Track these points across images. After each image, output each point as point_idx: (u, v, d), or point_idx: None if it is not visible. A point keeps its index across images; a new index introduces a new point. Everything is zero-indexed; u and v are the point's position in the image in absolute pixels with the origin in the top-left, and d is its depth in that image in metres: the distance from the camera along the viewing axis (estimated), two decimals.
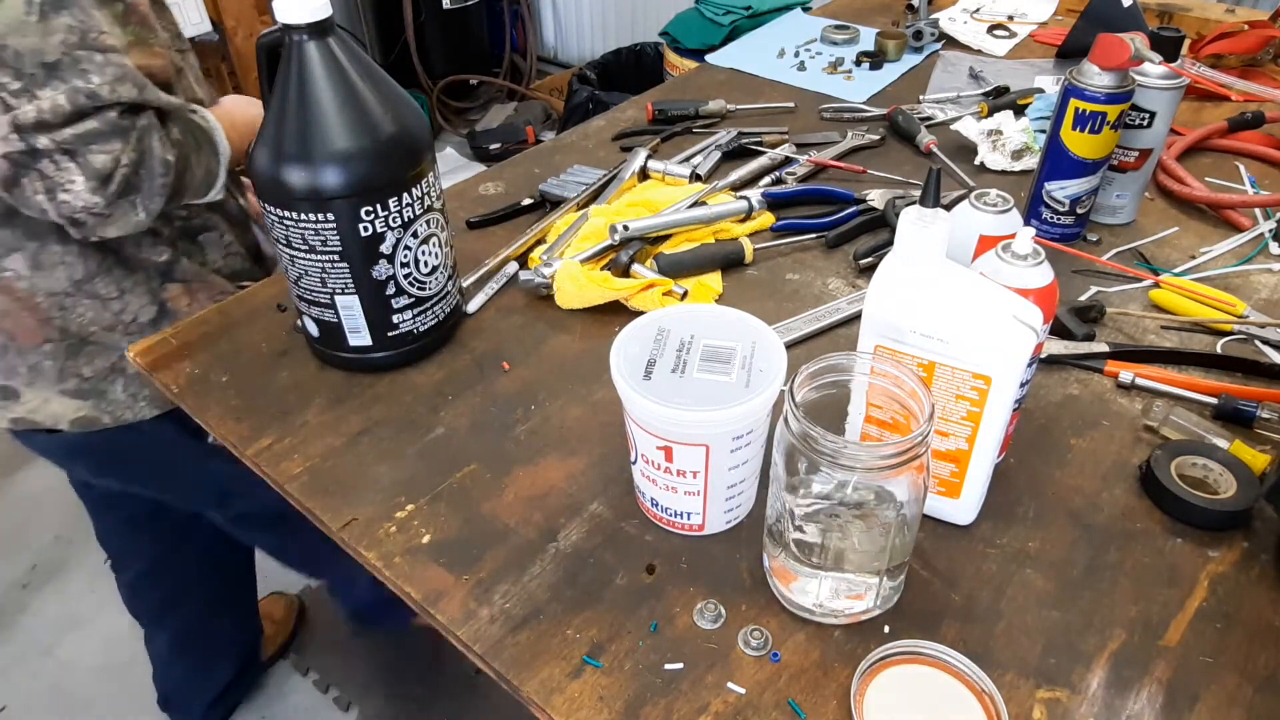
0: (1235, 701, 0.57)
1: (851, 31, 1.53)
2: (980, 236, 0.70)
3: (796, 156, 1.16)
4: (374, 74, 0.75)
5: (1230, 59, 1.36)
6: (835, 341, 0.88)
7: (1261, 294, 0.92)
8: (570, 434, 0.77)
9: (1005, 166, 1.15)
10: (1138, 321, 0.89)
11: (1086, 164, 0.95)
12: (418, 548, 0.68)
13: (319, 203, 0.73)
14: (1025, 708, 0.56)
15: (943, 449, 0.64)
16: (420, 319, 0.83)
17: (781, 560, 0.61)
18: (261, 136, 0.73)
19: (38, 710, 1.67)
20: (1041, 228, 1.00)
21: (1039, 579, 0.64)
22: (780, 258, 1.00)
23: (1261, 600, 0.63)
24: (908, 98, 1.34)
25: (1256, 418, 0.76)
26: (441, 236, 0.82)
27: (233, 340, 0.89)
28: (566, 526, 0.69)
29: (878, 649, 0.58)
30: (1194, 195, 1.06)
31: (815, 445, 0.53)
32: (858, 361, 0.59)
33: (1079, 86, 0.91)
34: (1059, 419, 0.78)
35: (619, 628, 0.62)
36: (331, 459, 0.75)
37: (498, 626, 0.62)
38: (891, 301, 0.61)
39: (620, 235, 0.95)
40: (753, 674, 0.59)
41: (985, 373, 0.59)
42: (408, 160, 0.76)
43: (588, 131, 1.28)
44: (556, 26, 3.61)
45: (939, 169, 0.72)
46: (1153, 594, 0.63)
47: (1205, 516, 0.67)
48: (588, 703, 0.57)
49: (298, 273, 0.78)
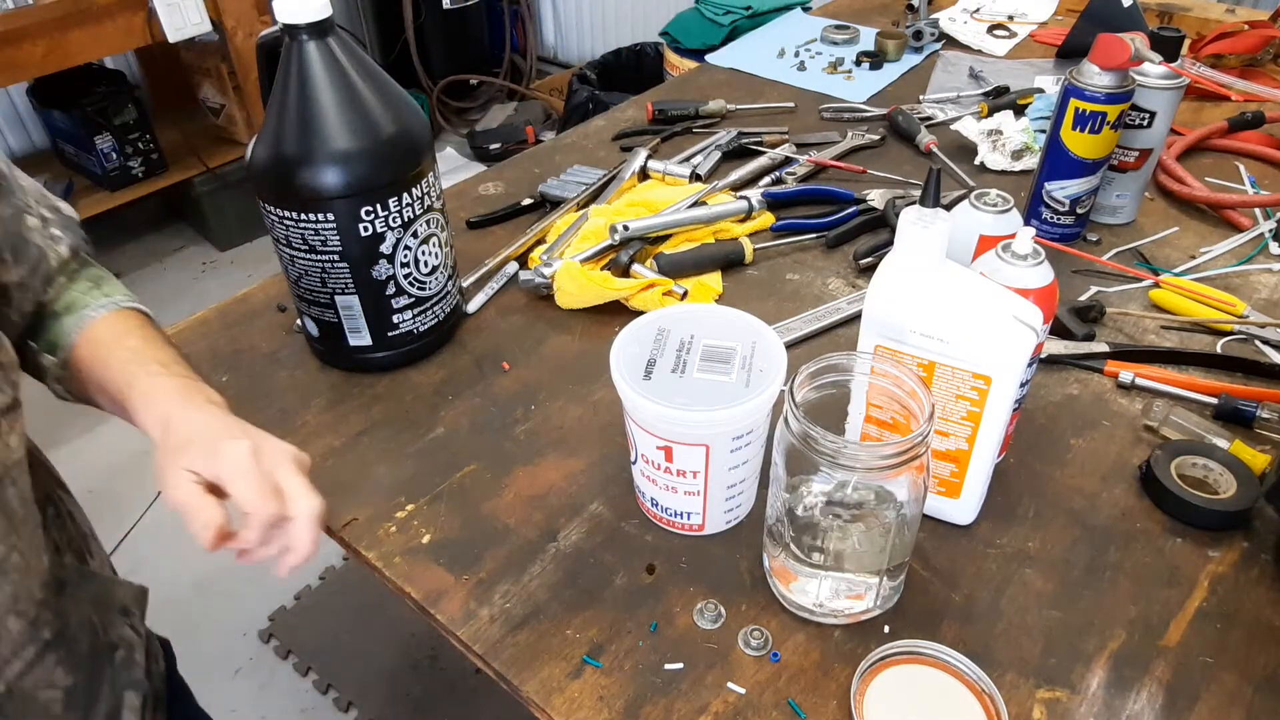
0: (1235, 701, 0.57)
1: (851, 31, 1.53)
2: (980, 236, 0.70)
3: (796, 156, 1.16)
4: (374, 74, 0.75)
5: (1230, 59, 1.36)
6: (835, 341, 0.88)
7: (1261, 294, 0.92)
8: (570, 434, 0.77)
9: (1005, 166, 1.15)
10: (1138, 321, 0.89)
11: (1086, 164, 0.95)
12: (418, 548, 0.68)
13: (319, 203, 0.73)
14: (1025, 708, 0.56)
15: (943, 449, 0.64)
16: (420, 319, 0.83)
17: (781, 560, 0.61)
18: (261, 136, 0.73)
19: None
20: (1041, 228, 1.00)
21: (1039, 579, 0.64)
22: (780, 258, 1.00)
23: (1261, 600, 0.63)
24: (908, 98, 1.34)
25: (1256, 418, 0.76)
26: (441, 236, 0.82)
27: (233, 340, 0.89)
28: (566, 526, 0.69)
29: (878, 649, 0.58)
30: (1194, 195, 1.06)
31: (815, 445, 0.53)
32: (858, 361, 0.59)
33: (1079, 86, 0.91)
34: (1059, 419, 0.78)
35: (619, 628, 0.62)
36: (331, 459, 0.75)
37: (498, 626, 0.62)
38: (891, 301, 0.61)
39: (620, 235, 0.95)
40: (753, 674, 0.59)
41: (985, 373, 0.59)
42: (408, 160, 0.76)
43: (588, 131, 1.28)
44: (556, 26, 3.61)
45: (939, 169, 0.72)
46: (1153, 594, 0.63)
47: (1205, 516, 0.67)
48: (588, 703, 0.57)
49: (298, 273, 0.78)
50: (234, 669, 1.67)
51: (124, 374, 0.63)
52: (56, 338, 0.66)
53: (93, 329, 0.66)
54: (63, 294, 0.68)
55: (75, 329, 0.66)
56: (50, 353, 0.67)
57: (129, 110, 2.48)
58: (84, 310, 0.67)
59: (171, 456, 0.57)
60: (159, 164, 2.60)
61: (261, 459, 0.57)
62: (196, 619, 1.73)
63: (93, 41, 2.18)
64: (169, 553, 1.84)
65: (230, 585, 1.80)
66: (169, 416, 0.60)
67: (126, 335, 0.67)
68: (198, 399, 0.62)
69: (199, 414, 0.60)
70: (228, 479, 0.56)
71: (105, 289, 0.70)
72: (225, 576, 1.81)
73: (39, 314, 0.68)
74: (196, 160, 2.63)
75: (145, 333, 0.68)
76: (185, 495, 0.55)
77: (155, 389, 0.62)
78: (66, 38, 2.12)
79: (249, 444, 0.57)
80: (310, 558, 0.57)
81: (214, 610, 1.76)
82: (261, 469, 0.56)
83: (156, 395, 0.61)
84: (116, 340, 0.66)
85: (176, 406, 0.61)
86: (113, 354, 0.65)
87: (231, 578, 1.81)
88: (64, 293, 0.68)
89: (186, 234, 2.87)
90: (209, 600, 1.77)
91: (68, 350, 0.66)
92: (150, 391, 0.62)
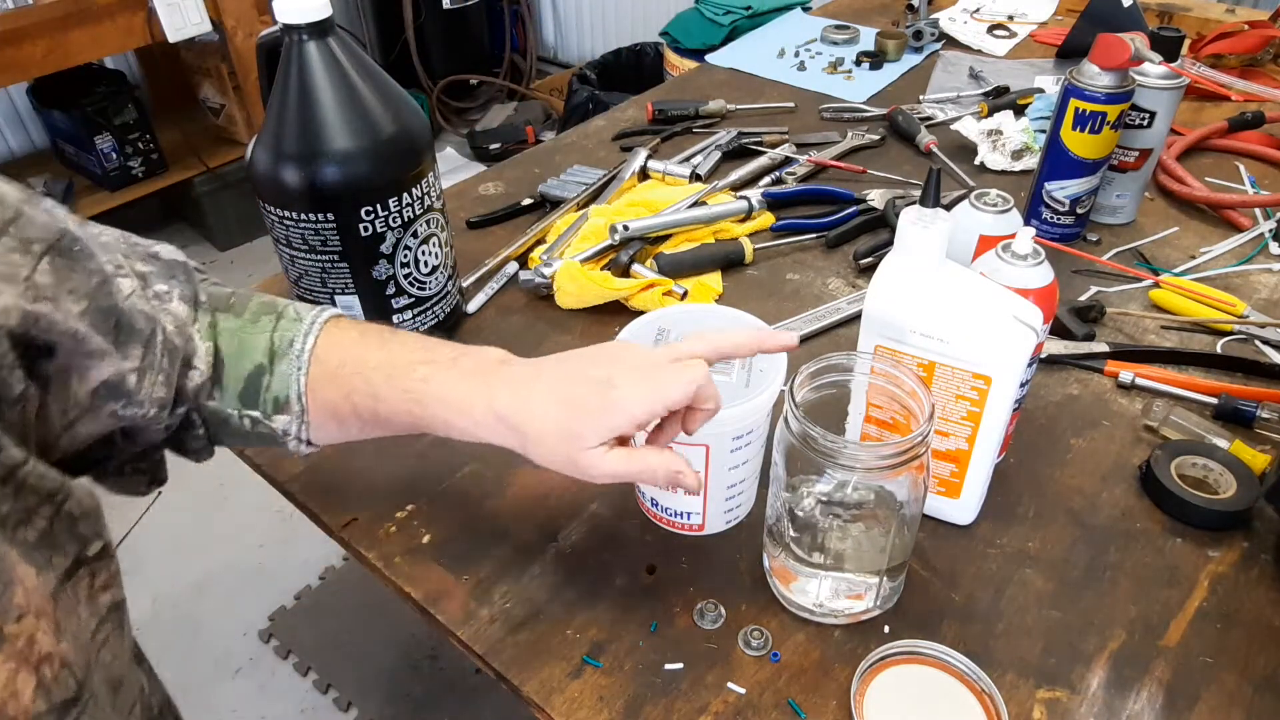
0: (1235, 701, 0.57)
1: (851, 31, 1.53)
2: (980, 236, 0.70)
3: (796, 156, 1.16)
4: (374, 74, 0.75)
5: (1230, 59, 1.36)
6: (835, 341, 0.88)
7: (1261, 294, 0.92)
8: None
9: (1005, 166, 1.15)
10: (1138, 321, 0.89)
11: (1086, 164, 0.95)
12: (418, 548, 0.68)
13: (319, 203, 0.73)
14: (1025, 708, 0.56)
15: (943, 449, 0.64)
16: (420, 319, 0.83)
17: (781, 560, 0.61)
18: (261, 136, 0.73)
19: None
20: (1041, 228, 1.00)
21: (1039, 579, 0.64)
22: (780, 258, 1.00)
23: (1261, 600, 0.63)
24: (908, 98, 1.34)
25: (1256, 418, 0.76)
26: (441, 236, 0.82)
27: None
28: (566, 527, 0.69)
29: (878, 649, 0.58)
30: (1194, 195, 1.06)
31: (815, 445, 0.53)
32: (858, 361, 0.59)
33: (1079, 86, 0.91)
34: (1059, 419, 0.78)
35: (619, 628, 0.62)
36: (332, 459, 0.75)
37: (498, 626, 0.62)
38: (891, 301, 0.61)
39: (620, 235, 0.95)
40: (753, 674, 0.59)
41: (985, 373, 0.59)
42: (408, 160, 0.76)
43: (588, 131, 1.28)
44: (556, 26, 3.61)
45: (939, 169, 0.72)
46: (1153, 594, 0.63)
47: (1205, 516, 0.67)
48: (588, 703, 0.57)
49: (298, 273, 0.78)
50: (234, 669, 1.66)
51: (423, 387, 0.55)
52: (277, 391, 0.56)
53: (319, 364, 0.56)
54: (229, 346, 0.56)
55: (296, 371, 0.56)
56: (279, 411, 0.56)
57: (129, 110, 2.48)
58: (292, 352, 0.56)
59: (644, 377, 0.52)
60: (159, 164, 2.60)
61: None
62: (196, 619, 1.73)
63: (93, 41, 2.18)
64: (169, 553, 1.84)
65: (230, 585, 1.80)
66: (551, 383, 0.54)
67: (366, 352, 0.57)
68: (522, 365, 0.56)
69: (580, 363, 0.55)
70: (701, 397, 0.53)
71: (271, 315, 0.58)
72: (225, 576, 1.81)
73: (219, 384, 0.56)
74: (196, 160, 2.63)
75: (381, 337, 0.59)
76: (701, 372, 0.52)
77: (479, 380, 0.55)
78: (66, 38, 2.12)
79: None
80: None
81: (214, 610, 1.76)
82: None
83: (498, 385, 0.55)
84: (363, 359, 0.56)
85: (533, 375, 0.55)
86: (377, 376, 0.56)
87: (232, 577, 1.81)
88: (230, 343, 0.56)
89: (186, 234, 2.87)
90: (209, 600, 1.77)
91: (300, 395, 0.56)
92: (486, 385, 0.55)
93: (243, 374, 0.56)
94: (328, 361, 0.56)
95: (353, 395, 0.56)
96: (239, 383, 0.56)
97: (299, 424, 0.57)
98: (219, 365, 0.56)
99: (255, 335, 0.56)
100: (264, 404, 0.56)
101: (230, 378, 0.56)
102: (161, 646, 1.66)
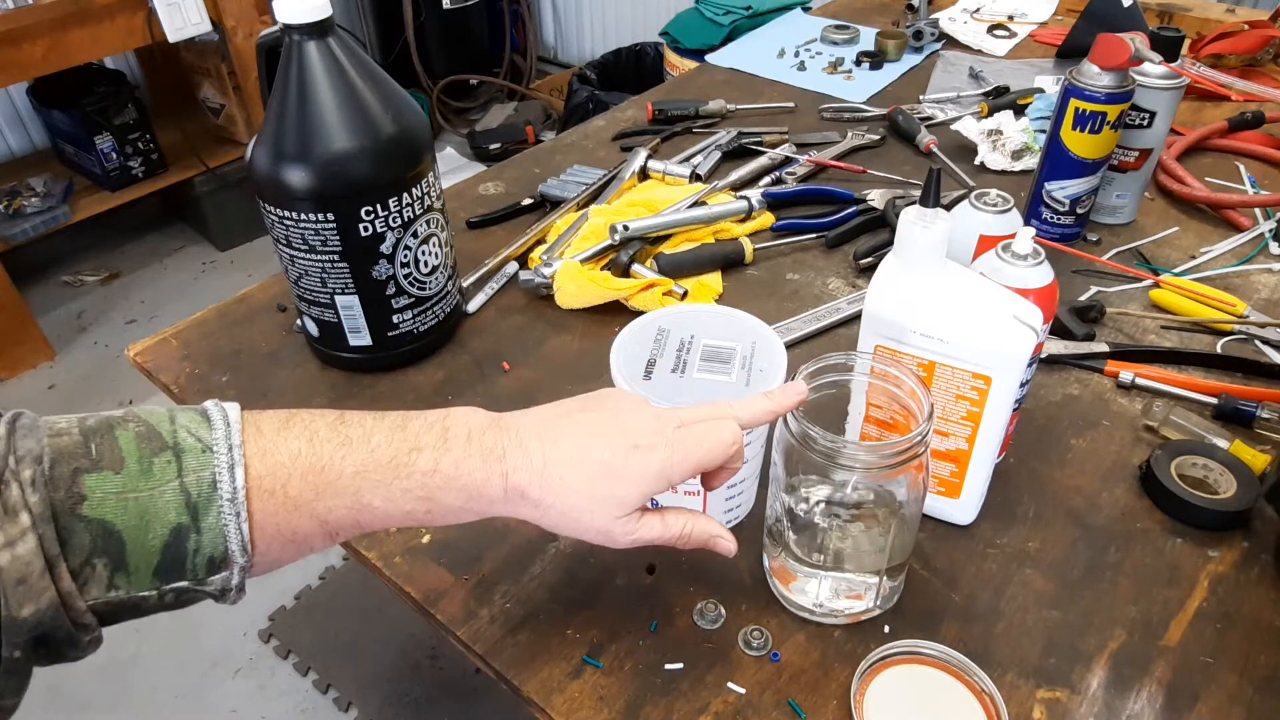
0: (1235, 701, 0.57)
1: (851, 31, 1.53)
2: (980, 236, 0.70)
3: (796, 156, 1.16)
4: (374, 74, 0.75)
5: (1230, 59, 1.36)
6: (835, 341, 0.88)
7: (1261, 294, 0.92)
8: None
9: (1005, 166, 1.15)
10: (1138, 321, 0.89)
11: (1086, 164, 0.95)
12: (418, 547, 0.68)
13: (319, 203, 0.73)
14: (1025, 708, 0.56)
15: (943, 449, 0.64)
16: (420, 319, 0.83)
17: (781, 560, 0.61)
18: (261, 136, 0.73)
19: (36, 710, 1.67)
20: (1041, 228, 1.00)
21: (1039, 579, 0.64)
22: (780, 258, 1.00)
23: (1261, 600, 0.63)
24: (908, 98, 1.34)
25: (1256, 418, 0.76)
26: (441, 236, 0.82)
27: (233, 340, 0.89)
28: None
29: (878, 649, 0.58)
30: (1194, 195, 1.06)
31: (815, 445, 0.53)
32: (858, 361, 0.59)
33: (1079, 86, 0.91)
34: (1059, 419, 0.78)
35: (619, 628, 0.62)
36: None
37: (498, 626, 0.62)
38: (891, 301, 0.61)
39: (620, 235, 0.95)
40: (753, 674, 0.59)
41: (985, 373, 0.59)
42: (408, 160, 0.76)
43: (588, 131, 1.28)
44: (556, 26, 3.61)
45: (939, 169, 0.72)
46: (1153, 594, 0.63)
47: (1205, 516, 0.67)
48: (588, 703, 0.57)
49: (298, 273, 0.78)
50: (234, 669, 1.66)
51: (379, 487, 0.46)
52: (211, 550, 0.43)
53: (265, 498, 0.44)
54: (123, 517, 0.41)
55: (234, 520, 0.43)
56: (215, 570, 0.44)
57: (129, 110, 2.48)
58: (219, 496, 0.43)
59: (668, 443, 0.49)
60: (159, 164, 2.60)
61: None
62: (196, 619, 1.73)
63: (93, 41, 2.18)
64: None
65: None
66: (547, 450, 0.49)
67: (326, 459, 0.46)
68: (504, 421, 0.50)
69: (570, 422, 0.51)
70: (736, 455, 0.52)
71: (165, 453, 0.42)
72: None
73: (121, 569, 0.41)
74: (196, 160, 2.63)
75: (331, 430, 0.47)
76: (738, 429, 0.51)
77: (457, 456, 0.48)
78: (66, 38, 2.12)
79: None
80: None
81: (214, 610, 1.75)
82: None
83: (477, 454, 0.48)
84: (331, 469, 0.46)
85: (528, 437, 0.50)
86: (364, 484, 0.47)
87: None
88: (121, 512, 0.41)
89: (186, 234, 2.87)
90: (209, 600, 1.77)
91: (245, 545, 0.44)
92: (460, 460, 0.48)
93: (155, 546, 0.42)
94: (274, 490, 0.44)
95: (327, 517, 0.46)
96: (152, 557, 0.42)
97: (243, 574, 0.45)
98: (113, 547, 0.41)
99: (156, 491, 0.42)
100: (194, 569, 0.43)
101: (136, 556, 0.41)
102: (161, 646, 1.66)
